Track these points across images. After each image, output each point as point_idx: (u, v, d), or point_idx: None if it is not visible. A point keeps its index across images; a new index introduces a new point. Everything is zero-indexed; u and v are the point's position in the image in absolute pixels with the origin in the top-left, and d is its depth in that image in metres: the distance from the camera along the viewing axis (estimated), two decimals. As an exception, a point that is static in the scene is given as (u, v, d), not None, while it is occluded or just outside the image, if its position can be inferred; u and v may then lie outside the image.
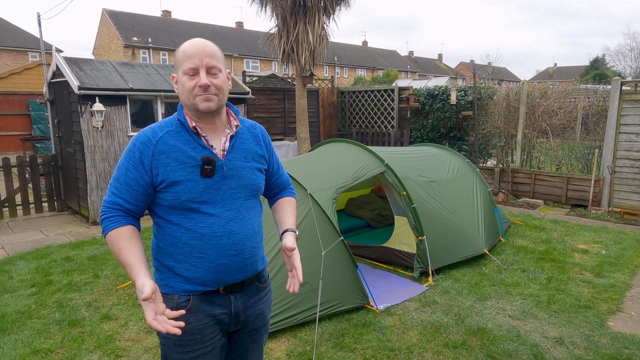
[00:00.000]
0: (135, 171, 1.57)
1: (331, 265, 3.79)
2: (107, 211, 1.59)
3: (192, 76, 1.56)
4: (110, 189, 1.61)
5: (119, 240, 1.54)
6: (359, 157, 4.89)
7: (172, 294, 1.64)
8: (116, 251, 1.54)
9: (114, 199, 1.59)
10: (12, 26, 29.69)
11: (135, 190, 1.58)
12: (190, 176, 1.57)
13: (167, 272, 1.64)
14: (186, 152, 1.58)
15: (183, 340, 1.64)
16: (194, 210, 1.58)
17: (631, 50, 40.81)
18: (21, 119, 13.29)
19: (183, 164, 1.57)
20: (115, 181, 1.60)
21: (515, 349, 3.30)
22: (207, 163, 1.58)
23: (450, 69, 59.94)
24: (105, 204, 1.60)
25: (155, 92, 7.25)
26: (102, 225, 1.58)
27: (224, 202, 1.61)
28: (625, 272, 4.78)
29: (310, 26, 8.38)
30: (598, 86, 10.49)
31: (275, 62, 35.73)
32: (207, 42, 1.60)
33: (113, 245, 1.54)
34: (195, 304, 1.63)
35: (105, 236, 1.57)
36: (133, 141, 1.61)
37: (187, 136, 1.60)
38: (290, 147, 10.36)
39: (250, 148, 1.72)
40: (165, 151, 1.57)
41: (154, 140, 1.58)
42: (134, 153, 1.58)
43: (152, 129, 1.63)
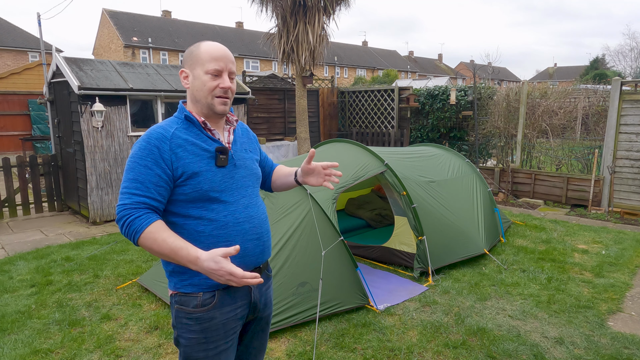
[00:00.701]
0: (156, 167, 1.56)
1: (331, 265, 3.79)
2: (133, 211, 1.52)
3: (215, 77, 1.64)
4: (127, 191, 1.55)
5: (160, 232, 1.50)
6: (359, 157, 4.89)
7: (197, 292, 1.65)
8: (160, 242, 1.48)
9: (138, 199, 1.54)
10: (12, 26, 29.69)
11: (160, 187, 1.57)
12: (207, 167, 1.63)
13: (190, 271, 1.63)
14: (199, 145, 1.64)
15: (208, 337, 1.66)
16: (215, 199, 1.63)
17: (631, 50, 40.82)
18: (21, 119, 13.29)
19: (199, 156, 1.62)
20: (133, 182, 1.56)
21: (515, 349, 3.30)
22: (222, 152, 1.66)
23: (450, 69, 59.93)
24: (128, 206, 1.53)
25: (155, 92, 7.25)
26: (134, 226, 1.50)
27: (239, 190, 1.71)
28: (625, 272, 4.78)
29: (310, 26, 8.38)
30: (598, 86, 10.49)
31: (275, 62, 35.74)
32: (227, 49, 1.71)
33: (155, 240, 1.49)
34: (219, 299, 1.66)
35: (142, 235, 1.50)
36: (146, 139, 1.59)
37: (196, 131, 1.67)
38: (290, 147, 10.36)
39: (244, 141, 1.85)
40: (182, 145, 1.61)
41: (169, 135, 1.60)
42: (152, 150, 1.57)
43: (161, 126, 1.64)
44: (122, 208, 1.54)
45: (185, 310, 1.66)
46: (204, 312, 1.64)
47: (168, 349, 3.33)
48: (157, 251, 1.50)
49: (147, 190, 1.56)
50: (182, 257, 1.47)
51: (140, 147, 1.58)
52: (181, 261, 1.48)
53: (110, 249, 5.56)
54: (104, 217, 7.02)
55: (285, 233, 3.80)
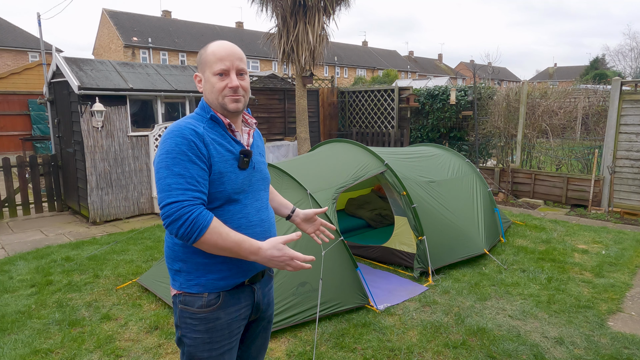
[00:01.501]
0: (200, 162, 1.54)
1: (331, 265, 3.79)
2: (194, 208, 1.47)
3: (222, 77, 1.64)
4: (178, 187, 1.48)
5: (222, 227, 1.51)
6: (359, 157, 4.89)
7: (202, 293, 1.65)
8: (225, 237, 1.50)
9: (193, 194, 1.49)
10: (12, 26, 29.69)
11: (206, 181, 1.55)
12: (231, 168, 1.63)
13: (198, 271, 1.64)
14: (225, 145, 1.64)
15: (213, 337, 1.67)
16: (235, 201, 1.64)
17: (631, 50, 40.82)
18: (21, 119, 13.29)
19: (224, 157, 1.62)
20: (181, 177, 1.49)
21: (515, 349, 3.30)
22: (246, 155, 1.67)
23: (450, 69, 59.93)
24: (186, 203, 1.47)
25: (155, 92, 7.25)
26: (199, 223, 1.46)
27: (254, 193, 1.72)
28: (625, 272, 4.78)
29: (310, 26, 8.38)
30: (598, 86, 10.48)
31: (275, 62, 35.73)
32: (235, 46, 1.69)
33: (220, 234, 1.49)
34: (224, 300, 1.67)
35: (207, 230, 1.47)
36: (180, 134, 1.54)
37: (221, 131, 1.67)
38: (290, 147, 10.36)
39: (259, 145, 1.87)
40: (212, 143, 1.60)
41: (200, 132, 1.59)
42: (191, 145, 1.53)
43: (190, 123, 1.60)
44: (179, 206, 1.46)
45: (189, 310, 1.66)
46: (209, 312, 1.65)
47: (168, 349, 3.33)
48: (222, 246, 1.50)
49: (199, 185, 1.52)
50: (245, 249, 1.51)
51: (178, 143, 1.53)
52: (243, 253, 1.52)
53: (110, 249, 5.56)
54: (104, 217, 7.01)
55: (285, 232, 3.80)
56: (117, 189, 7.10)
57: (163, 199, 1.49)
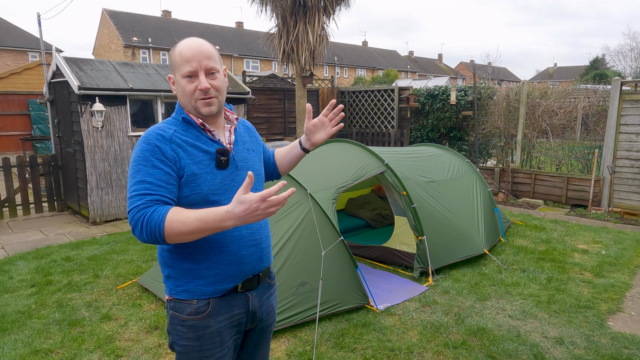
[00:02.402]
0: (164, 165, 1.49)
1: (331, 265, 3.79)
2: (147, 209, 1.42)
3: (191, 79, 1.55)
4: (137, 194, 1.45)
5: (181, 212, 1.41)
6: (359, 157, 4.89)
7: (191, 299, 1.60)
8: (186, 220, 1.38)
9: (150, 198, 1.44)
10: (12, 26, 29.70)
11: (171, 184, 1.49)
12: (207, 169, 1.56)
13: (185, 277, 1.60)
14: (199, 146, 1.58)
15: (203, 345, 1.62)
16: (214, 202, 1.54)
17: (631, 50, 40.83)
18: (21, 119, 13.29)
19: (198, 158, 1.56)
20: (142, 184, 1.46)
21: (515, 349, 3.30)
22: (223, 154, 1.59)
23: (450, 69, 59.93)
24: (141, 206, 1.43)
25: (155, 92, 7.25)
26: (154, 220, 1.39)
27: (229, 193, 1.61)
28: (625, 272, 4.78)
29: (310, 26, 8.38)
30: (598, 86, 10.49)
31: (275, 62, 35.72)
32: (203, 43, 1.58)
33: (180, 220, 1.39)
34: (214, 307, 1.62)
35: (165, 223, 1.38)
36: (145, 141, 1.51)
37: (195, 132, 1.60)
38: (290, 147, 10.35)
39: (247, 140, 1.77)
40: (181, 145, 1.54)
41: (167, 136, 1.53)
42: (154, 150, 1.49)
43: (159, 127, 1.56)
44: (135, 211, 1.43)
45: (179, 317, 1.62)
46: (198, 320, 1.60)
47: (168, 349, 3.32)
48: (187, 230, 1.39)
49: (159, 189, 1.47)
50: (212, 220, 1.37)
51: (142, 149, 1.51)
52: (213, 225, 1.38)
53: (110, 249, 5.56)
54: (104, 217, 7.01)
55: (285, 233, 3.80)
56: (117, 189, 7.10)
57: (127, 208, 1.46)
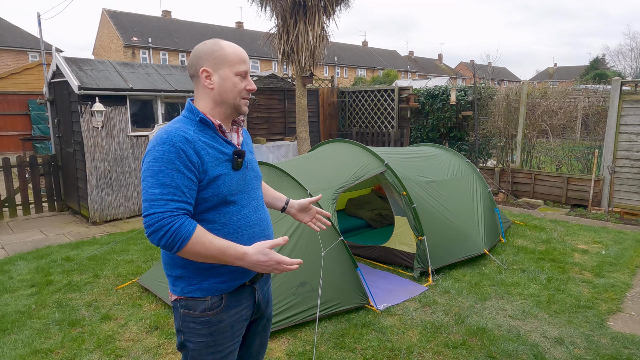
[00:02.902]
0: (187, 170, 1.50)
1: (331, 265, 3.79)
2: (175, 219, 1.45)
3: (242, 78, 1.66)
4: (161, 197, 1.46)
5: (206, 235, 1.50)
6: (359, 157, 4.89)
7: (205, 297, 1.64)
8: (209, 245, 1.48)
9: (176, 205, 1.47)
10: (12, 26, 29.70)
11: (192, 190, 1.52)
12: (226, 170, 1.61)
13: (199, 276, 1.63)
14: (217, 148, 1.62)
15: (216, 340, 1.67)
16: (232, 203, 1.62)
17: (631, 50, 40.84)
18: (21, 119, 13.29)
19: (218, 160, 1.60)
20: (166, 187, 1.47)
21: (515, 349, 3.30)
22: (240, 156, 1.65)
23: (450, 69, 59.93)
24: (167, 213, 1.45)
25: (155, 92, 7.25)
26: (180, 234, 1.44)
27: (249, 193, 1.71)
28: (625, 272, 4.78)
29: (310, 26, 8.38)
30: (598, 86, 10.49)
31: (275, 62, 35.72)
32: None
33: (204, 244, 1.48)
34: (227, 302, 1.67)
35: (190, 241, 1.46)
36: (169, 142, 1.51)
37: (212, 134, 1.63)
38: (290, 147, 10.35)
39: (248, 142, 1.85)
40: (203, 148, 1.57)
41: (190, 138, 1.55)
42: (179, 153, 1.50)
43: (179, 128, 1.56)
44: (160, 216, 1.44)
45: (192, 315, 1.65)
46: (212, 315, 1.65)
47: (168, 349, 3.32)
48: (205, 254, 1.49)
49: (183, 195, 1.49)
50: (230, 255, 1.51)
51: (166, 150, 1.50)
52: (228, 260, 1.52)
53: (110, 249, 5.56)
54: (104, 217, 7.01)
55: (285, 233, 3.80)
56: (117, 189, 7.10)
57: (146, 209, 1.46)
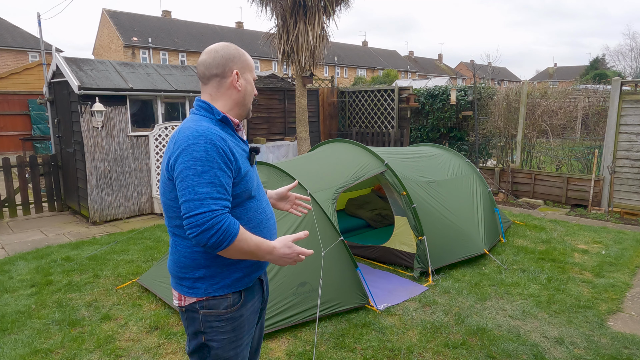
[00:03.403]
0: (227, 169, 1.56)
1: (331, 265, 3.79)
2: (224, 217, 1.49)
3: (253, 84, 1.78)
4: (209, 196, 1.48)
5: (246, 232, 1.57)
6: (359, 157, 4.89)
7: (226, 294, 1.69)
8: (249, 242, 1.56)
9: (223, 203, 1.51)
10: (12, 26, 29.70)
11: (230, 187, 1.58)
12: (248, 166, 1.70)
13: (223, 273, 1.66)
14: (239, 145, 1.70)
15: (237, 335, 1.72)
16: (253, 197, 1.70)
17: (631, 50, 40.85)
18: (21, 119, 13.29)
19: (242, 156, 1.67)
20: (212, 186, 1.49)
21: (515, 349, 3.30)
22: (256, 152, 1.76)
23: (450, 69, 59.93)
24: (217, 212, 1.48)
25: (155, 92, 7.25)
26: (230, 231, 1.48)
27: (259, 188, 1.79)
28: (625, 272, 4.78)
29: (310, 26, 8.38)
30: (598, 86, 10.49)
31: (275, 62, 35.72)
32: None
33: (246, 240, 1.55)
34: (245, 297, 1.73)
35: (236, 239, 1.51)
36: (209, 141, 1.52)
37: (231, 132, 1.70)
38: (290, 147, 10.35)
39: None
40: (233, 146, 1.64)
41: (223, 136, 1.59)
42: (219, 152, 1.53)
43: (212, 128, 1.58)
44: (211, 215, 1.46)
45: (215, 314, 1.67)
46: (234, 311, 1.70)
47: (168, 349, 3.33)
48: (246, 250, 1.56)
49: (227, 194, 1.54)
50: (264, 249, 1.59)
51: (206, 149, 1.51)
52: (260, 254, 1.59)
53: (110, 249, 5.56)
54: (104, 217, 7.01)
55: (287, 232, 3.80)
56: (117, 189, 7.10)
57: (193, 208, 1.46)
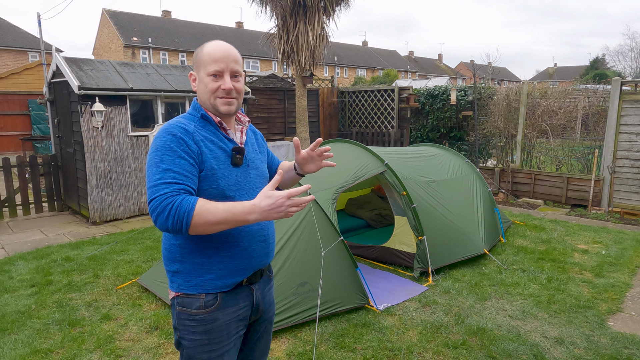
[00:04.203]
0: (188, 157, 1.53)
1: (331, 265, 3.79)
2: (176, 197, 1.43)
3: (216, 78, 1.64)
4: (164, 181, 1.46)
5: (209, 203, 1.45)
6: (359, 157, 4.89)
7: (200, 294, 1.65)
8: (214, 210, 1.43)
9: (178, 187, 1.47)
10: (12, 26, 29.71)
11: (195, 176, 1.54)
12: (224, 165, 1.64)
13: (196, 272, 1.64)
14: (217, 143, 1.66)
15: (211, 339, 1.67)
16: (229, 198, 1.62)
17: (631, 50, 40.86)
18: (21, 119, 13.29)
19: (217, 154, 1.63)
20: (168, 172, 1.48)
21: (515, 349, 3.30)
22: (238, 152, 1.68)
23: (450, 69, 59.92)
24: (169, 194, 1.44)
25: (155, 92, 7.25)
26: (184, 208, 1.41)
27: (250, 191, 1.70)
28: (625, 272, 4.78)
29: (310, 26, 8.38)
30: (598, 86, 10.48)
31: (275, 62, 35.72)
32: (231, 47, 1.69)
33: (209, 210, 1.43)
34: (222, 301, 1.67)
35: (195, 213, 1.41)
36: (170, 132, 1.55)
37: (213, 129, 1.68)
38: (290, 147, 10.35)
39: (254, 142, 1.86)
40: (202, 140, 1.61)
41: (190, 130, 1.60)
42: (179, 141, 1.54)
43: (180, 122, 1.61)
44: (162, 198, 1.43)
45: (187, 312, 1.66)
46: (206, 313, 1.65)
47: (168, 349, 3.32)
48: (214, 220, 1.43)
49: (186, 179, 1.50)
50: (239, 211, 1.44)
51: (167, 140, 1.54)
52: (239, 217, 1.44)
53: (110, 249, 5.56)
54: (104, 217, 7.01)
55: (285, 233, 3.80)
56: (117, 189, 7.10)
57: (150, 195, 1.47)
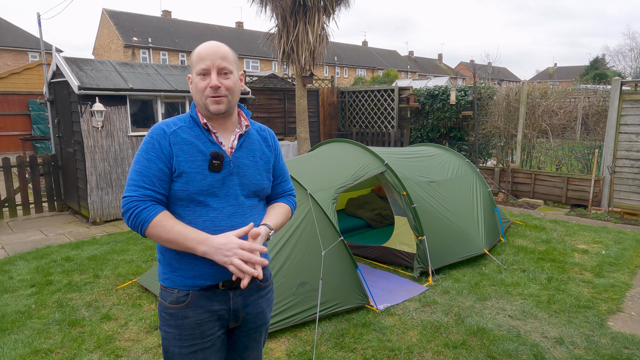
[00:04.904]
0: (159, 161, 1.61)
1: (331, 265, 3.79)
2: (139, 203, 1.57)
3: (204, 77, 1.64)
4: (134, 183, 1.60)
5: (168, 220, 1.57)
6: (359, 157, 4.89)
7: (173, 288, 1.68)
8: (169, 229, 1.55)
9: (144, 192, 1.58)
10: (12, 26, 29.69)
11: (163, 181, 1.62)
12: (199, 169, 1.63)
13: (171, 266, 1.68)
14: (197, 146, 1.65)
15: (182, 335, 1.68)
16: (200, 202, 1.63)
17: (631, 50, 40.83)
18: (21, 119, 13.29)
19: (193, 157, 1.64)
20: (138, 175, 1.60)
21: (515, 349, 3.30)
22: (216, 158, 1.65)
23: (450, 69, 59.92)
24: (134, 198, 1.57)
25: (155, 92, 7.25)
26: (141, 217, 1.55)
27: (227, 198, 1.67)
28: (625, 272, 4.78)
29: (310, 26, 8.38)
30: (598, 86, 10.48)
31: (275, 62, 35.72)
32: (221, 45, 1.68)
33: (164, 227, 1.55)
34: (193, 299, 1.67)
35: (150, 224, 1.55)
36: (149, 135, 1.66)
37: (198, 131, 1.68)
38: (290, 147, 10.35)
39: (258, 149, 1.79)
40: (178, 142, 1.64)
41: (168, 132, 1.65)
42: (154, 145, 1.62)
43: (167, 123, 1.69)
44: (128, 200, 1.58)
45: (163, 304, 1.70)
46: (177, 309, 1.67)
47: (168, 349, 3.32)
48: (166, 238, 1.56)
49: (152, 184, 1.60)
50: (192, 239, 1.54)
51: (145, 142, 1.65)
52: (190, 244, 1.54)
53: (110, 249, 5.56)
54: (104, 217, 7.01)
55: (285, 233, 3.80)
56: (117, 189, 7.10)
57: (124, 192, 1.62)
